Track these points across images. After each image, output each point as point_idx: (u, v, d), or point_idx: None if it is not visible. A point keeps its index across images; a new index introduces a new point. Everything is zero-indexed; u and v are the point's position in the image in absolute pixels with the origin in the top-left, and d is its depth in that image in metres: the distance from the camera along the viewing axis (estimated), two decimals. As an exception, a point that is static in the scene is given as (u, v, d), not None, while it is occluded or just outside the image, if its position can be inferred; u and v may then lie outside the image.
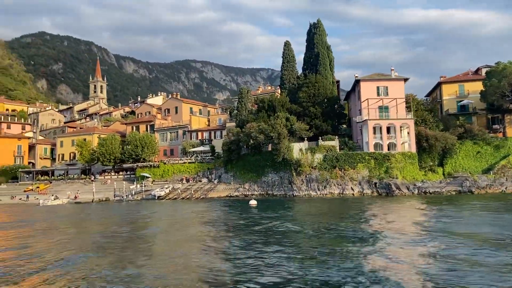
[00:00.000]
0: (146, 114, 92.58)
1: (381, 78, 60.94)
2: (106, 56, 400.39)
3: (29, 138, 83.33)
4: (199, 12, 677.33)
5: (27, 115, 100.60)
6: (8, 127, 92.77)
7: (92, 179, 72.46)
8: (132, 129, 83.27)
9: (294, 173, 56.34)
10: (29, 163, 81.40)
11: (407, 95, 61.46)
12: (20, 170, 75.68)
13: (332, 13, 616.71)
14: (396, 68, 64.41)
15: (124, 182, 70.29)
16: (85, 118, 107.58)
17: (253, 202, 42.03)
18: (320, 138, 57.85)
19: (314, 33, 69.65)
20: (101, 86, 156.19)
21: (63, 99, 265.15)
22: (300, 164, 56.10)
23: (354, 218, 29.46)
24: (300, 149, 57.21)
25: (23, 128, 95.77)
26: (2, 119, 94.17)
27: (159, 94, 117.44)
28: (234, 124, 73.83)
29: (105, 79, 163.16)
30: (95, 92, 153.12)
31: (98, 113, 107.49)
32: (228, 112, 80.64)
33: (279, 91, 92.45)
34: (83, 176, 75.12)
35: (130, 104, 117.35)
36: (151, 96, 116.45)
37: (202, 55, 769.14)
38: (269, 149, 62.10)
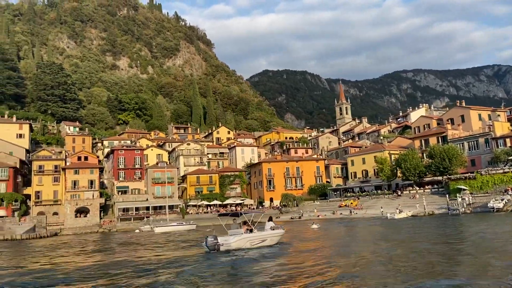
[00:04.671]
0: (424, 127, 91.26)
1: None
2: (319, 82, 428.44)
3: (324, 159, 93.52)
4: (402, 22, 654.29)
5: (308, 140, 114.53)
6: (295, 152, 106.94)
7: (399, 193, 74.69)
8: (420, 142, 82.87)
9: None
10: (326, 181, 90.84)
11: None
12: (328, 188, 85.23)
13: None
14: None
15: (432, 196, 69.78)
16: (352, 138, 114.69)
17: None
18: None
19: None
20: (346, 108, 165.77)
21: (289, 126, 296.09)
22: None
23: None
24: None
25: (306, 152, 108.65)
26: (290, 146, 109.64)
27: (420, 106, 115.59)
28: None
29: (348, 100, 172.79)
30: (341, 114, 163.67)
31: (364, 131, 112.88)
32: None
33: None
34: (385, 191, 78.39)
35: (391, 120, 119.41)
36: (410, 110, 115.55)
37: (410, 63, 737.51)
38: None
